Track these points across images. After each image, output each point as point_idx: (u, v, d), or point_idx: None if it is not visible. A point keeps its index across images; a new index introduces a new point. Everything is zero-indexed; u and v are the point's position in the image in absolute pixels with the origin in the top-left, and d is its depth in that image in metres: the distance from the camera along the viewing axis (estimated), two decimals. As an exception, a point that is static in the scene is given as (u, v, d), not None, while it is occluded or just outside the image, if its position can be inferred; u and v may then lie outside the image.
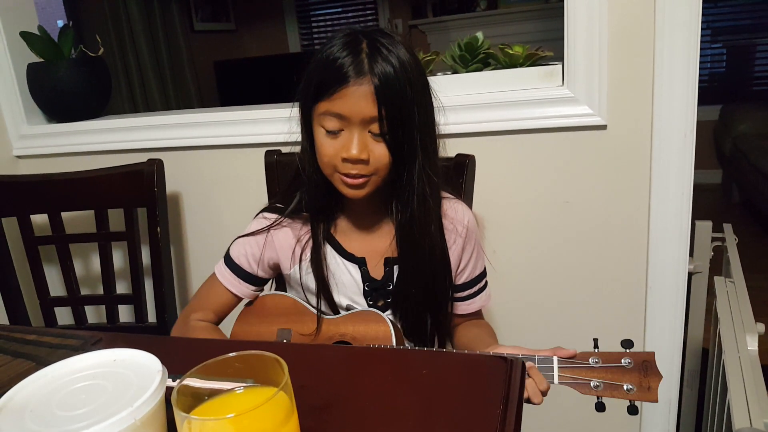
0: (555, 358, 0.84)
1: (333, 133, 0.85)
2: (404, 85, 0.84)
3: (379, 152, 0.86)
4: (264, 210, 1.02)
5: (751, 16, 4.28)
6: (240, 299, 1.03)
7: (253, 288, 1.02)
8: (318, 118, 0.86)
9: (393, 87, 0.83)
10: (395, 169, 0.89)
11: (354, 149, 0.84)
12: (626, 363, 0.82)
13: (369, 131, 0.85)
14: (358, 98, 0.82)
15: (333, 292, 0.99)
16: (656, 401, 0.81)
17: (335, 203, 0.97)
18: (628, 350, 0.83)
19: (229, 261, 1.01)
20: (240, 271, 1.00)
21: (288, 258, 0.99)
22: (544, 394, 0.83)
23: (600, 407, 0.84)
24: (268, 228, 0.98)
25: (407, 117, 0.85)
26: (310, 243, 0.97)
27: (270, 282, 1.07)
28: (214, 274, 1.02)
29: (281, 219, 0.98)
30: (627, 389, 0.82)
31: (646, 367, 0.82)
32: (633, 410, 0.84)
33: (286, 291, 1.06)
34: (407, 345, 0.91)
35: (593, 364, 0.83)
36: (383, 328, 0.93)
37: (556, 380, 0.84)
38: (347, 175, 0.87)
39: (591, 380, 0.83)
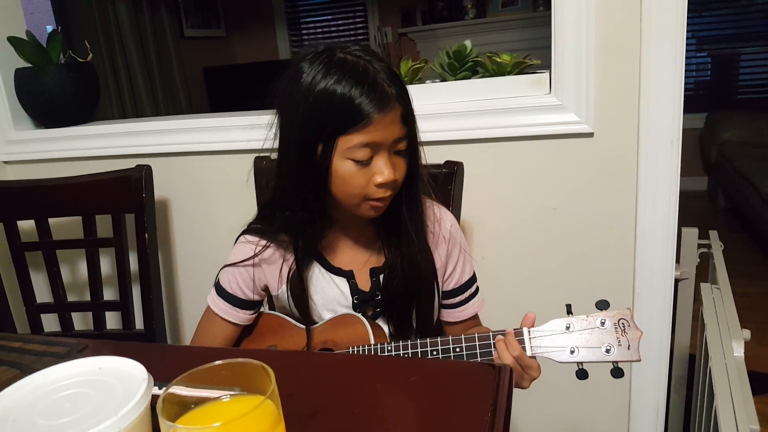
0: (525, 330, 0.83)
1: (365, 164, 0.84)
2: (410, 98, 0.87)
3: (402, 168, 0.88)
4: (244, 233, 1.00)
5: (735, 26, 4.34)
6: (240, 327, 1.02)
7: (251, 313, 1.02)
8: (345, 152, 0.83)
9: (410, 103, 0.86)
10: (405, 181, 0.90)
11: (390, 173, 0.84)
12: (601, 323, 0.80)
13: (393, 152, 0.86)
14: (389, 123, 0.83)
15: (321, 308, 0.99)
16: (639, 360, 0.78)
17: (325, 222, 0.96)
18: (603, 311, 0.81)
19: (221, 291, 1.00)
20: (234, 299, 0.99)
21: (275, 279, 0.98)
22: (526, 369, 0.83)
23: (581, 374, 0.82)
24: (255, 254, 0.97)
25: (416, 126, 0.88)
26: (298, 261, 0.97)
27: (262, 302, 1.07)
28: (209, 308, 1.01)
29: (267, 243, 0.97)
30: (606, 350, 0.79)
31: (623, 324, 0.79)
32: (617, 373, 0.81)
33: (275, 309, 1.06)
34: (390, 344, 0.91)
35: (567, 330, 0.81)
36: (360, 329, 0.93)
37: (529, 351, 0.82)
38: (378, 200, 0.87)
39: (566, 346, 0.80)
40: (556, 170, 1.30)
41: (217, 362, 0.51)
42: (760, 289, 2.76)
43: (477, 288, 1.07)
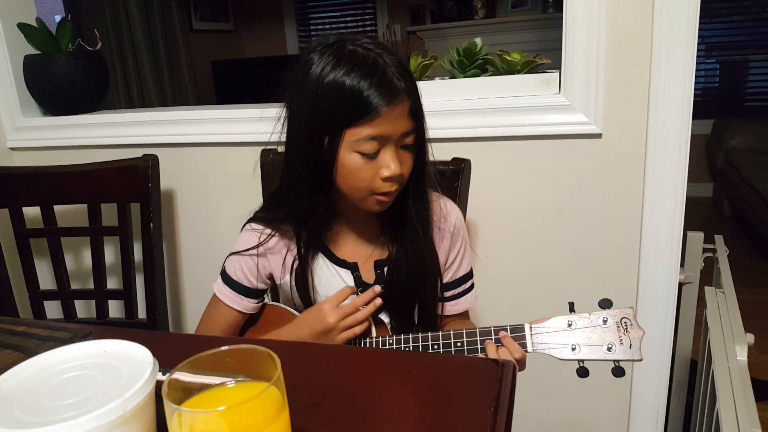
0: (527, 325, 0.83)
1: (371, 157, 0.84)
2: (419, 92, 0.87)
3: (409, 163, 0.88)
4: (250, 221, 1.00)
5: (745, 33, 4.33)
6: (246, 315, 1.02)
7: (256, 301, 1.02)
8: (352, 144, 0.83)
9: (419, 98, 0.86)
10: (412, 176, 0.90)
11: (396, 167, 0.84)
12: (604, 322, 0.80)
13: (400, 146, 0.86)
14: (397, 117, 0.83)
15: (325, 299, 0.99)
16: (640, 359, 0.78)
17: (330, 214, 0.96)
18: (605, 309, 0.81)
19: (227, 279, 1.00)
20: (240, 287, 1.00)
21: (279, 268, 0.98)
22: (520, 365, 0.82)
23: (582, 372, 0.82)
24: (260, 242, 0.97)
25: (424, 120, 0.88)
26: (301, 252, 0.97)
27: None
28: (215, 296, 1.01)
29: (272, 232, 0.97)
30: (607, 348, 0.79)
31: (626, 323, 0.79)
32: (618, 372, 0.81)
33: (279, 299, 1.06)
34: (391, 337, 0.91)
35: (569, 327, 0.81)
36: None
37: (530, 348, 0.82)
38: (384, 194, 0.87)
39: (568, 344, 0.80)
40: (563, 170, 1.29)
41: (223, 348, 0.51)
42: (762, 297, 2.75)
43: (472, 284, 1.07)
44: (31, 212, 1.45)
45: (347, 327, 0.88)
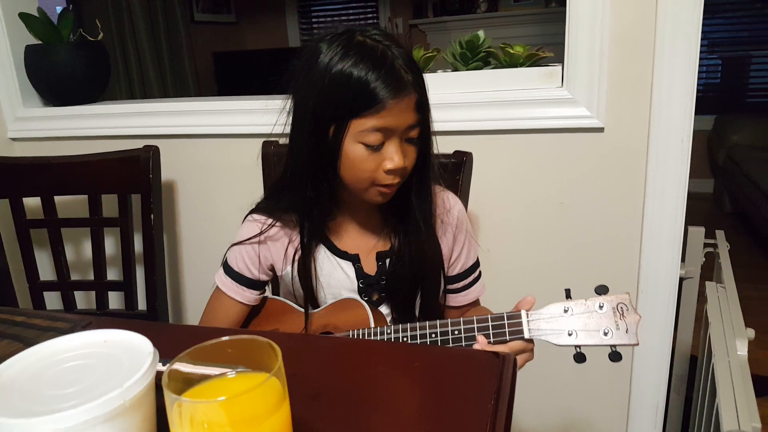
0: (524, 312, 0.83)
1: (376, 148, 0.84)
2: (425, 85, 0.87)
3: (413, 156, 0.88)
4: (252, 212, 1.00)
5: (747, 29, 4.31)
6: (248, 306, 1.02)
7: (258, 292, 1.02)
8: (357, 135, 0.83)
9: (425, 91, 0.86)
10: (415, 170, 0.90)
11: (400, 160, 0.84)
12: (600, 307, 0.80)
13: (404, 139, 0.86)
14: (402, 110, 0.83)
15: (327, 291, 0.99)
16: (637, 344, 0.78)
17: (332, 204, 0.96)
18: (602, 295, 0.81)
19: (229, 270, 1.00)
20: (242, 278, 1.00)
21: (281, 258, 0.98)
22: (518, 356, 0.82)
23: (579, 358, 0.82)
24: (262, 231, 0.97)
25: (430, 114, 0.88)
26: (304, 241, 0.97)
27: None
28: (217, 287, 1.01)
29: (273, 222, 0.97)
30: (604, 333, 0.79)
31: (621, 309, 0.80)
32: (615, 357, 0.81)
33: (279, 294, 1.07)
34: (389, 326, 0.91)
35: (565, 313, 0.81)
36: (361, 314, 0.93)
37: (527, 334, 0.82)
38: (387, 186, 0.87)
39: (564, 329, 0.81)
40: (565, 164, 1.29)
41: (224, 338, 0.51)
42: (763, 293, 2.76)
43: (480, 273, 1.07)
44: (32, 203, 1.45)
45: None
